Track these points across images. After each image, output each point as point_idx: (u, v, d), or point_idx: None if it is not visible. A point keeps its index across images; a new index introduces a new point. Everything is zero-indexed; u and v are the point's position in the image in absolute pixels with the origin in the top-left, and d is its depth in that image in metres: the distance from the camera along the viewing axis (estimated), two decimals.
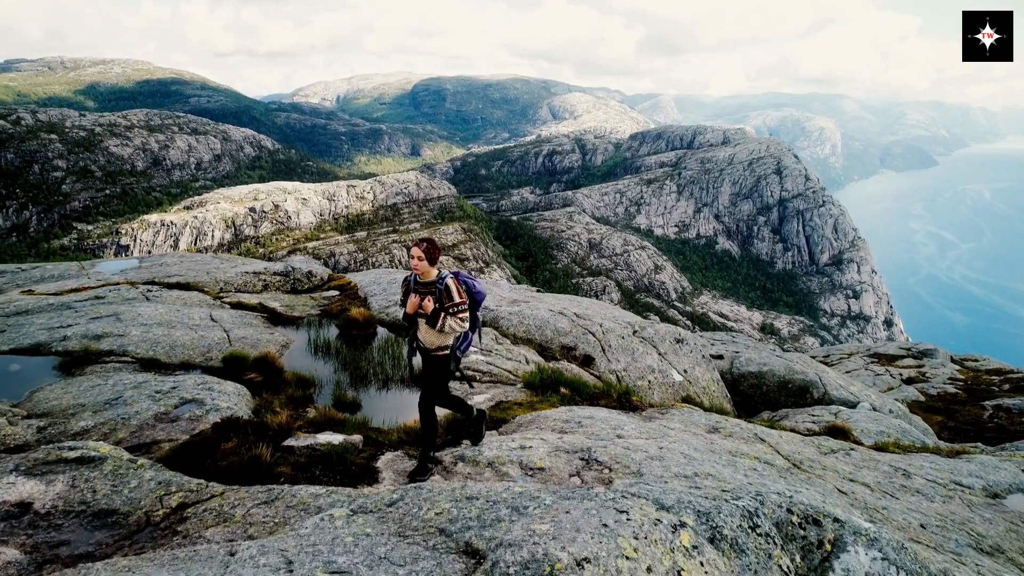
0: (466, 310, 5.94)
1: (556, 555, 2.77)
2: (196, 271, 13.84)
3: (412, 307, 5.95)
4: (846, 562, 5.07)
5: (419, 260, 5.79)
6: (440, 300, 5.85)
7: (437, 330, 5.91)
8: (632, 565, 2.82)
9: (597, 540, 2.91)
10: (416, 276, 5.96)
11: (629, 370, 10.65)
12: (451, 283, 5.88)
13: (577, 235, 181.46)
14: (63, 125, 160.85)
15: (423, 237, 5.60)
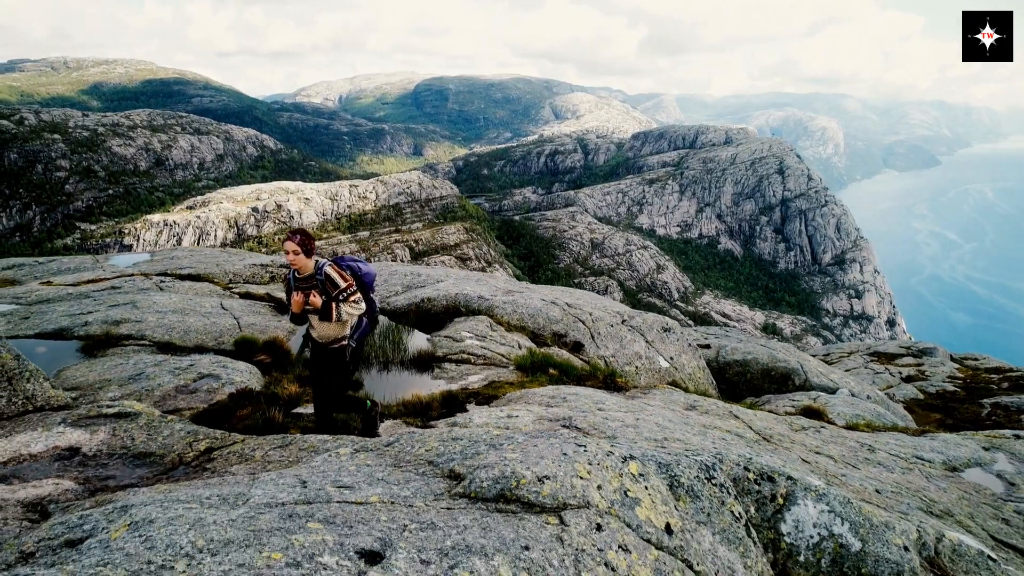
0: (356, 291, 5.75)
1: (521, 473, 3.38)
2: (206, 263, 14.51)
3: (297, 305, 5.63)
4: (796, 513, 5.69)
5: (295, 255, 5.55)
6: (325, 291, 5.65)
7: (334, 321, 5.71)
8: (584, 483, 3.44)
9: (557, 464, 3.52)
10: (295, 272, 5.73)
11: (617, 356, 11.26)
12: (330, 270, 5.68)
13: (579, 235, 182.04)
14: (66, 125, 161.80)
15: (294, 229, 5.50)
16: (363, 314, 6.00)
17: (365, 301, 5.99)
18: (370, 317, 6.21)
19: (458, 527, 2.93)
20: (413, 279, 13.82)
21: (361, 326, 6.08)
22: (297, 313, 5.73)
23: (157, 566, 2.29)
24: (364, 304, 5.81)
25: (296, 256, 5.52)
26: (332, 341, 5.85)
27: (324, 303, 5.58)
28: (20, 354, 5.46)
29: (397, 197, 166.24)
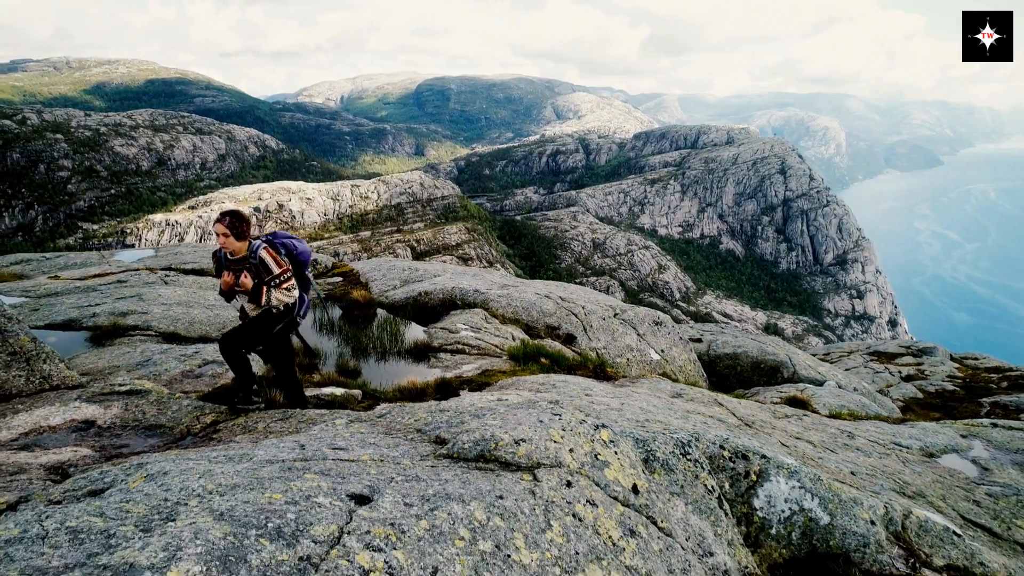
0: (290, 278, 5.60)
1: (500, 436, 3.71)
2: (209, 259, 14.88)
3: (226, 285, 5.46)
4: (768, 489, 6.02)
5: (224, 237, 5.37)
6: (258, 274, 5.46)
7: (263, 305, 5.56)
8: (557, 446, 3.77)
9: (533, 429, 3.86)
10: (228, 253, 5.54)
11: (609, 348, 11.59)
12: (264, 254, 5.49)
13: (581, 235, 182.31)
14: (69, 125, 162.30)
15: (226, 211, 5.33)
16: (300, 293, 5.88)
17: (300, 280, 5.93)
18: (306, 291, 6.09)
19: (440, 480, 3.26)
20: (411, 274, 14.17)
21: (304, 303, 5.93)
22: (225, 292, 5.57)
23: (173, 503, 2.62)
24: (296, 292, 5.66)
25: (225, 239, 5.35)
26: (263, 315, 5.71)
27: (255, 286, 5.42)
28: (36, 337, 5.81)
29: (399, 197, 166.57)
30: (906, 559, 6.01)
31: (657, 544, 3.69)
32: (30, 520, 2.41)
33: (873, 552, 5.82)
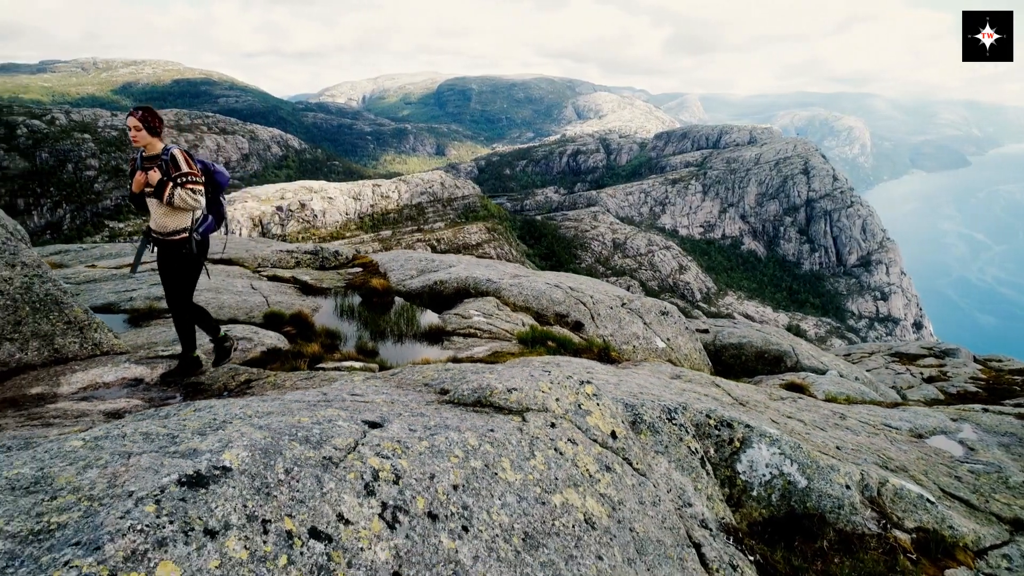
0: (199, 182, 5.53)
1: (495, 386, 4.28)
2: (237, 249, 15.63)
3: (138, 185, 5.45)
4: (750, 455, 6.54)
5: (136, 131, 5.33)
6: (167, 171, 5.45)
7: (166, 203, 5.47)
8: (545, 395, 4.33)
9: (524, 382, 4.42)
10: (142, 152, 5.51)
11: (616, 336, 12.10)
12: (178, 153, 5.50)
13: (601, 235, 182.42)
14: (96, 125, 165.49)
15: (138, 105, 5.31)
16: (210, 211, 5.86)
17: (213, 203, 5.87)
18: (216, 217, 6.05)
19: (441, 416, 3.84)
20: (427, 264, 14.81)
21: (206, 220, 5.85)
22: (136, 194, 5.55)
23: (220, 420, 3.22)
24: (203, 200, 5.56)
25: (138, 132, 5.31)
26: (171, 233, 5.66)
27: (160, 182, 5.38)
28: (88, 309, 6.48)
29: (419, 196, 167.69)
30: (878, 520, 6.50)
31: (631, 480, 4.24)
32: (109, 428, 3.02)
33: (847, 513, 6.32)
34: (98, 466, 2.54)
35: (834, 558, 5.93)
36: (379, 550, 2.60)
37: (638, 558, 3.67)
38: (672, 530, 4.18)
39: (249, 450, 2.70)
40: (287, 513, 2.49)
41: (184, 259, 5.71)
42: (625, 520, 3.85)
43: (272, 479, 2.60)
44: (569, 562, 3.25)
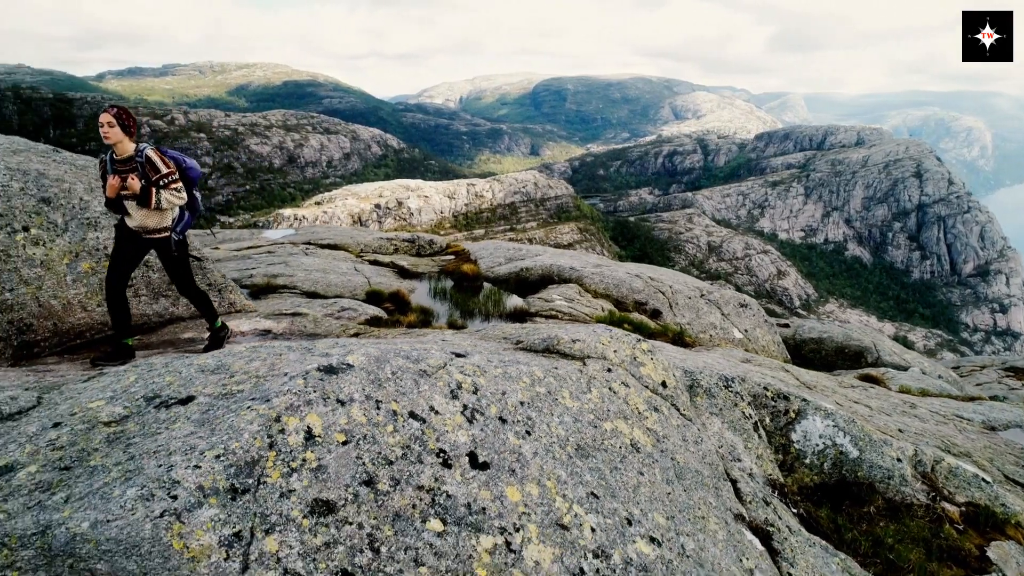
0: (179, 180, 5.49)
1: (561, 337, 5.05)
2: (342, 236, 17.04)
3: (112, 190, 5.24)
4: (805, 426, 7.03)
5: (109, 127, 5.16)
6: (145, 175, 5.30)
7: (152, 208, 5.37)
8: (604, 347, 5.05)
9: (587, 336, 5.16)
10: (112, 154, 5.33)
11: (693, 324, 12.57)
12: (152, 153, 5.36)
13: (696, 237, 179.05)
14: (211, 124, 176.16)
15: (113, 103, 5.10)
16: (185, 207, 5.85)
17: (189, 196, 5.86)
18: (192, 211, 6.01)
19: (514, 356, 4.65)
20: (515, 253, 15.70)
21: (184, 219, 5.83)
22: (112, 199, 5.37)
23: (342, 344, 4.14)
24: (185, 195, 5.59)
25: (111, 129, 5.16)
26: (152, 231, 5.56)
27: (143, 188, 5.26)
28: (225, 274, 7.67)
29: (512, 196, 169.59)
30: (928, 493, 6.86)
31: (676, 422, 4.90)
32: (263, 342, 3.99)
33: (897, 484, 6.72)
34: (259, 359, 3.49)
35: (880, 522, 6.36)
36: (459, 435, 3.43)
37: (676, 481, 4.34)
38: (711, 466, 4.82)
39: (366, 357, 3.59)
40: (392, 399, 3.35)
41: (172, 257, 5.75)
42: (668, 451, 4.53)
43: (382, 376, 3.48)
44: (613, 472, 3.98)
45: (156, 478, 2.52)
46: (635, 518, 3.72)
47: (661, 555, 3.58)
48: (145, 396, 3.22)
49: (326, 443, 2.92)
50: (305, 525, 2.58)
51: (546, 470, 3.60)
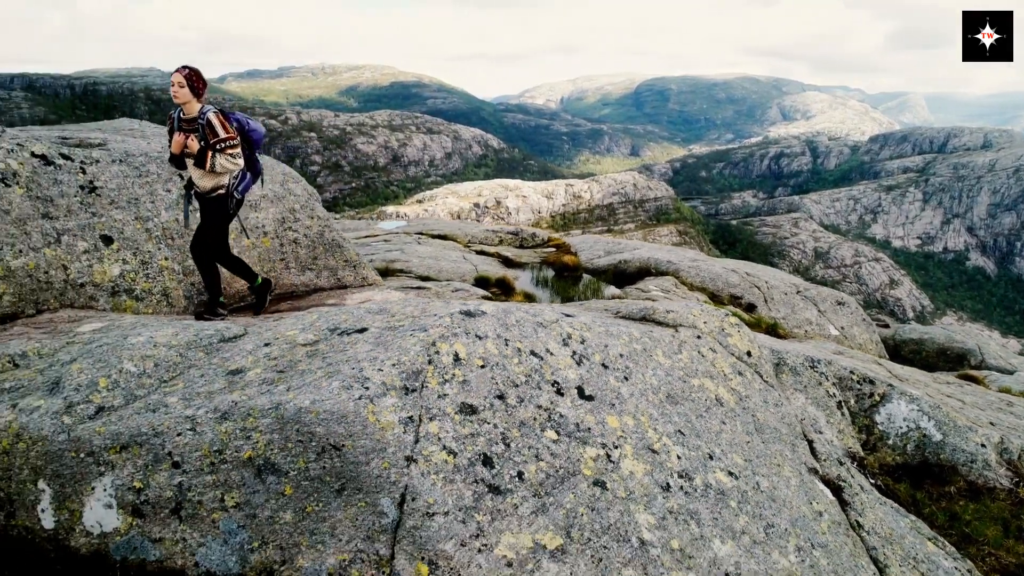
0: (236, 145, 5.62)
1: (656, 307, 5.73)
2: (450, 228, 18.20)
3: (177, 146, 5.51)
4: (889, 409, 7.40)
5: (180, 87, 5.35)
6: (204, 137, 5.50)
7: (208, 170, 5.59)
8: (695, 318, 5.69)
9: (680, 307, 5.81)
10: (180, 112, 5.58)
11: (788, 319, 12.82)
12: (213, 117, 5.51)
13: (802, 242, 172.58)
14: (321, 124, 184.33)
15: (185, 64, 5.44)
16: (247, 168, 5.96)
17: (249, 160, 5.99)
18: (253, 172, 6.15)
19: (615, 320, 5.37)
20: (613, 247, 16.34)
21: (244, 179, 5.96)
22: (176, 155, 5.64)
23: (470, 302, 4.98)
24: (241, 161, 5.72)
25: (180, 89, 5.36)
26: (210, 191, 5.76)
27: (200, 150, 5.48)
28: (359, 252, 8.75)
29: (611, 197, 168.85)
30: (1011, 478, 7.09)
31: (758, 385, 5.48)
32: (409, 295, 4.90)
33: (979, 468, 7.00)
34: (411, 306, 4.39)
35: (959, 501, 6.68)
36: (569, 372, 4.20)
37: (755, 434, 4.94)
38: (789, 426, 5.37)
39: (494, 308, 4.43)
40: (517, 340, 4.17)
41: (220, 214, 5.88)
42: (749, 408, 5.13)
43: (508, 322, 4.30)
44: (698, 418, 4.64)
45: (352, 375, 3.43)
46: (716, 455, 4.37)
47: (737, 485, 4.23)
48: (328, 328, 4.17)
49: (469, 365, 3.76)
50: (456, 419, 3.42)
51: (640, 408, 4.31)
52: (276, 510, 3.13)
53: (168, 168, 7.15)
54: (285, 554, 3.07)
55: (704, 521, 3.78)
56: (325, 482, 3.12)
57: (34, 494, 3.39)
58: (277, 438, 3.21)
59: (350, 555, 2.98)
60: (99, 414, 3.53)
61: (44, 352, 4.26)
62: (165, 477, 3.26)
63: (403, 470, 3.10)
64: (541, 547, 3.08)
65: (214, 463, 3.24)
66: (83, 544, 3.32)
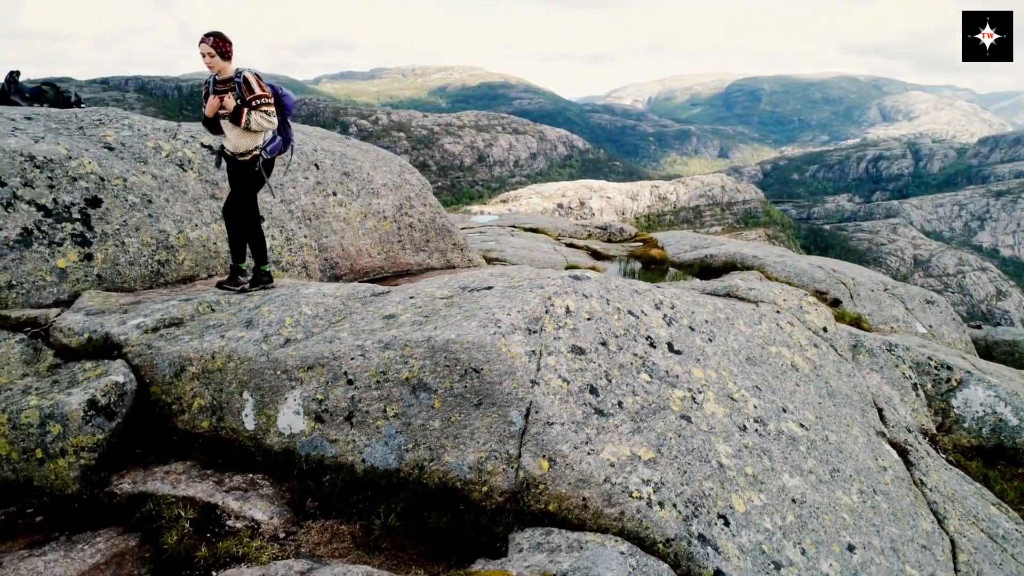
0: (271, 103, 5.76)
1: (739, 285, 6.35)
2: (542, 222, 19.06)
3: (212, 109, 5.64)
4: (966, 394, 7.74)
5: (210, 57, 5.53)
6: (241, 95, 5.64)
7: (243, 128, 5.69)
8: (775, 295, 6.27)
9: (761, 286, 6.41)
10: (215, 76, 5.71)
11: (873, 316, 12.95)
12: (250, 76, 5.69)
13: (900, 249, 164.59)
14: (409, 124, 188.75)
15: (208, 32, 5.59)
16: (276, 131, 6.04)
17: (281, 124, 6.08)
18: (284, 139, 6.24)
19: (701, 295, 6.03)
20: (699, 242, 16.77)
21: (274, 140, 6.04)
22: (210, 118, 5.76)
23: None
24: (276, 119, 5.83)
25: (211, 59, 5.53)
26: (243, 152, 5.87)
27: (236, 107, 5.61)
28: (465, 237, 9.67)
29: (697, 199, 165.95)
30: None
31: (832, 357, 6.03)
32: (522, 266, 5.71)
33: None
34: (527, 272, 5.23)
35: None
36: (660, 330, 4.92)
37: (827, 397, 5.51)
38: (860, 395, 5.90)
39: (596, 275, 5.19)
40: (616, 301, 4.92)
41: (251, 175, 5.96)
42: (822, 376, 5.70)
43: (609, 287, 5.06)
44: (774, 379, 5.26)
45: (486, 318, 4.28)
46: (788, 409, 4.99)
47: (807, 435, 4.83)
48: (460, 286, 5.05)
49: (577, 316, 4.55)
50: (568, 357, 4.21)
51: (722, 365, 4.99)
52: (427, 419, 4.00)
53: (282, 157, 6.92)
54: (433, 453, 3.94)
55: (775, 458, 4.42)
56: (466, 398, 3.97)
57: (239, 403, 4.39)
58: (428, 363, 4.09)
59: (486, 453, 3.81)
60: (288, 343, 4.51)
61: (232, 301, 5.31)
62: (341, 392, 4.20)
63: (528, 390, 3.92)
64: (637, 457, 3.82)
65: (379, 381, 4.15)
66: (276, 443, 4.29)
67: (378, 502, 3.86)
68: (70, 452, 4.08)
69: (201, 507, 3.83)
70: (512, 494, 3.71)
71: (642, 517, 3.50)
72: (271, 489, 4.05)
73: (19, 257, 5.52)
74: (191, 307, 5.11)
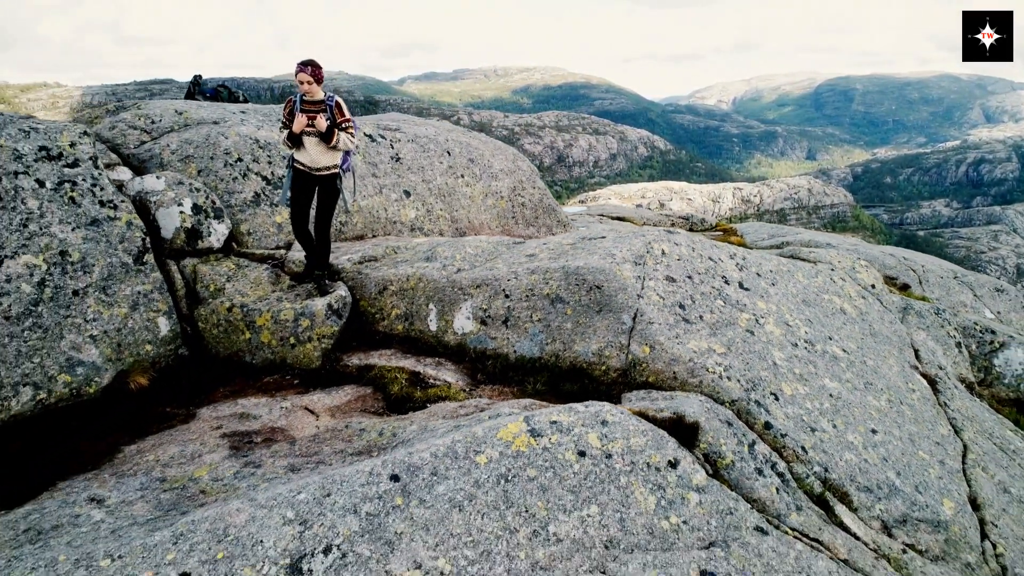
0: (355, 127, 6.31)
1: (801, 250, 7.77)
2: (627, 212, 20.62)
3: (299, 126, 6.03)
4: (1007, 355, 8.89)
5: (309, 84, 5.99)
6: (332, 117, 6.11)
7: (331, 147, 6.16)
8: (831, 257, 7.66)
9: (819, 250, 7.80)
10: (302, 96, 6.13)
11: (941, 300, 13.81)
12: (341, 101, 6.18)
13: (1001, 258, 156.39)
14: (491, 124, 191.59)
15: (304, 61, 6.06)
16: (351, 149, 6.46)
17: None
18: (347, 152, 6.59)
19: (770, 253, 7.49)
20: (777, 231, 17.88)
21: (347, 160, 6.52)
22: (295, 134, 6.12)
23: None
24: (359, 141, 6.36)
25: (310, 86, 5.99)
26: (324, 168, 6.30)
27: (328, 127, 6.06)
28: (566, 214, 11.33)
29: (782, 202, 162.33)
30: None
31: (877, 308, 7.38)
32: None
33: None
34: (629, 234, 6.84)
35: None
36: (733, 273, 6.45)
37: (869, 336, 6.89)
38: (900, 337, 7.24)
39: (684, 232, 6.76)
40: (699, 249, 6.49)
41: (336, 190, 6.43)
42: (867, 320, 7.08)
43: (694, 240, 6.63)
44: (824, 318, 6.70)
45: (604, 253, 5.95)
46: (834, 338, 6.43)
47: (848, 357, 6.27)
48: (580, 237, 6.74)
49: (670, 257, 6.15)
50: (663, 282, 5.83)
51: (781, 302, 6.47)
52: (562, 322, 5.70)
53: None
54: (566, 345, 5.63)
55: (819, 367, 5.89)
56: (590, 307, 5.65)
57: (426, 311, 6.21)
58: (563, 283, 5.78)
59: (604, 343, 5.47)
60: (459, 271, 6.30)
61: (409, 246, 7.17)
62: (500, 303, 5.94)
63: (635, 301, 5.56)
64: (712, 350, 5.40)
65: (527, 296, 5.87)
66: (452, 339, 6.07)
67: (527, 376, 5.58)
68: (315, 339, 5.98)
69: (409, 373, 5.65)
70: (623, 371, 5.35)
71: (715, 384, 5.07)
72: (453, 366, 5.84)
73: (253, 213, 7.54)
74: (380, 249, 7.01)
